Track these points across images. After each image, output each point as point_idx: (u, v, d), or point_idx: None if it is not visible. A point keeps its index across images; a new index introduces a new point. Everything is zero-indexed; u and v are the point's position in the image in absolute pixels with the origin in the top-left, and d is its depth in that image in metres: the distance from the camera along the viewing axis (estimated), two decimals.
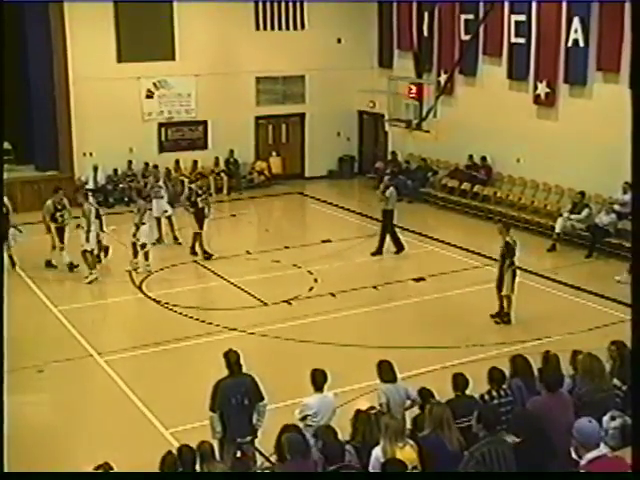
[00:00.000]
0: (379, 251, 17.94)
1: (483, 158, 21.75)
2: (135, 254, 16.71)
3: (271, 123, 25.26)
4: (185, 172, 23.23)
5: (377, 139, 25.85)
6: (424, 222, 20.48)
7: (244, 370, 8.79)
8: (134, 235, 16.65)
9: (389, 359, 8.77)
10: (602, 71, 18.41)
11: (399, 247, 17.97)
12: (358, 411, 7.78)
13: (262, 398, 8.72)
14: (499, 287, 14.07)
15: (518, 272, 14.20)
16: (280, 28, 24.23)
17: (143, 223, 16.72)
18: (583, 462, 5.78)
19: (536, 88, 20.08)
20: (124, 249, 17.22)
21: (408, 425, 7.96)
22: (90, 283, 16.11)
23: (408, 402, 8.63)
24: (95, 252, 16.26)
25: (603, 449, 5.87)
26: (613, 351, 8.36)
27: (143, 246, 16.67)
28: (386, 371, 8.58)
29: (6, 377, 7.93)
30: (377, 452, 6.95)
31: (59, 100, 22.00)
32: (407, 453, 6.89)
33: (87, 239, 16.06)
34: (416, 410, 8.47)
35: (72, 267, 16.71)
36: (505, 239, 13.93)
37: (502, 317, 14.18)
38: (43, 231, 17.04)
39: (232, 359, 8.68)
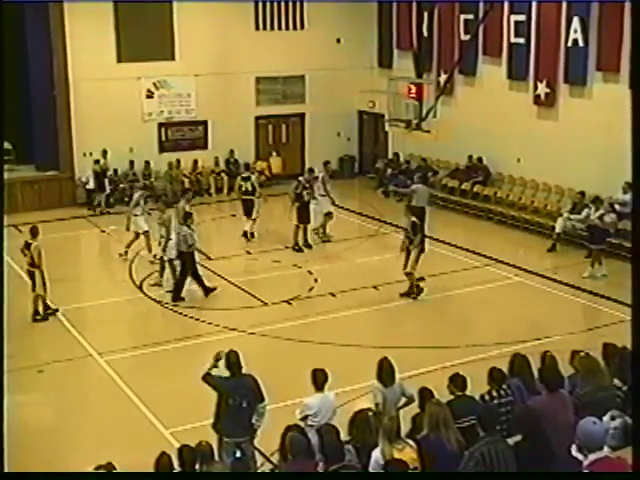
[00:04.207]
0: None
1: (479, 159, 21.76)
2: None
3: (271, 123, 25.28)
4: (185, 171, 23.24)
5: (377, 139, 25.86)
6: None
7: (244, 370, 8.78)
8: None
9: (389, 359, 8.72)
10: (602, 71, 18.41)
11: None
12: (356, 412, 7.76)
13: (262, 399, 8.70)
14: (405, 265, 15.07)
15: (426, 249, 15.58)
16: (280, 28, 24.25)
17: None
18: (586, 463, 5.76)
19: (536, 88, 20.08)
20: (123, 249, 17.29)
21: (403, 425, 7.92)
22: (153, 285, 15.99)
23: (403, 400, 8.59)
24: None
25: (606, 450, 5.85)
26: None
27: None
28: (386, 372, 8.48)
29: (6, 377, 7.94)
30: (377, 454, 6.94)
31: (59, 100, 22.02)
32: (407, 454, 6.87)
33: (164, 248, 15.57)
34: (416, 409, 8.45)
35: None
36: (411, 220, 15.09)
37: (411, 294, 15.18)
38: (44, 231, 16.98)
39: (231, 359, 8.67)
